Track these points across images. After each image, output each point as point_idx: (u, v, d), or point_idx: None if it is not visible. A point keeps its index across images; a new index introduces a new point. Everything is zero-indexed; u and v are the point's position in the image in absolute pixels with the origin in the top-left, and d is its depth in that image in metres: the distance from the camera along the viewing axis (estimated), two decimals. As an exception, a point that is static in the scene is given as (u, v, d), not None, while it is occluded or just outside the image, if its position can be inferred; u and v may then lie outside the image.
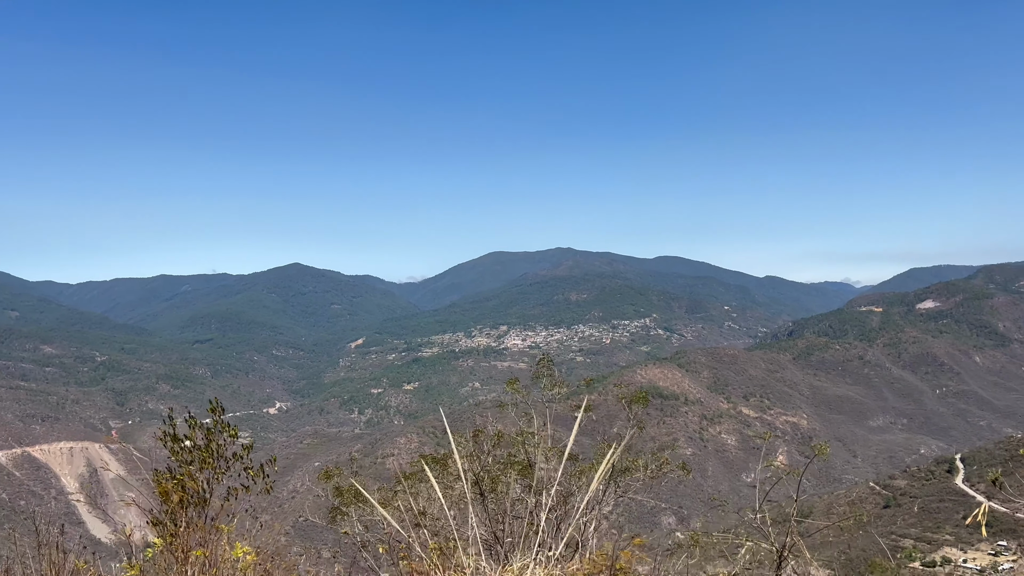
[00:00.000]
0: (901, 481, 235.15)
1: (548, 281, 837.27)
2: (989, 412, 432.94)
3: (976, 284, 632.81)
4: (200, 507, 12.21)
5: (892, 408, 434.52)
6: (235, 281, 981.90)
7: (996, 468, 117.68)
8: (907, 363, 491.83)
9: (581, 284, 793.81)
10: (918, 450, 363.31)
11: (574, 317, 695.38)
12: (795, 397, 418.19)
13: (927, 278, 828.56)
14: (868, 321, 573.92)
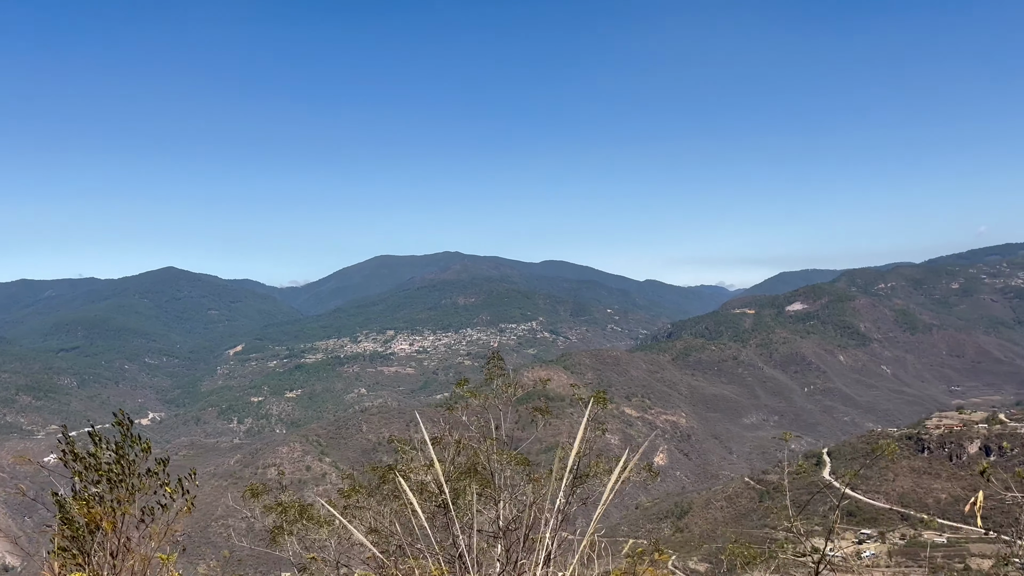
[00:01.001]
0: (773, 476, 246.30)
1: (436, 285, 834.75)
2: (852, 408, 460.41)
3: (840, 287, 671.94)
4: (112, 531, 11.14)
5: (764, 406, 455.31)
6: (104, 286, 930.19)
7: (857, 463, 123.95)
8: (778, 362, 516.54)
9: (469, 288, 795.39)
10: (789, 445, 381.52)
11: (462, 321, 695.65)
12: (674, 396, 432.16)
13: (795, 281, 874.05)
14: (742, 323, 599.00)
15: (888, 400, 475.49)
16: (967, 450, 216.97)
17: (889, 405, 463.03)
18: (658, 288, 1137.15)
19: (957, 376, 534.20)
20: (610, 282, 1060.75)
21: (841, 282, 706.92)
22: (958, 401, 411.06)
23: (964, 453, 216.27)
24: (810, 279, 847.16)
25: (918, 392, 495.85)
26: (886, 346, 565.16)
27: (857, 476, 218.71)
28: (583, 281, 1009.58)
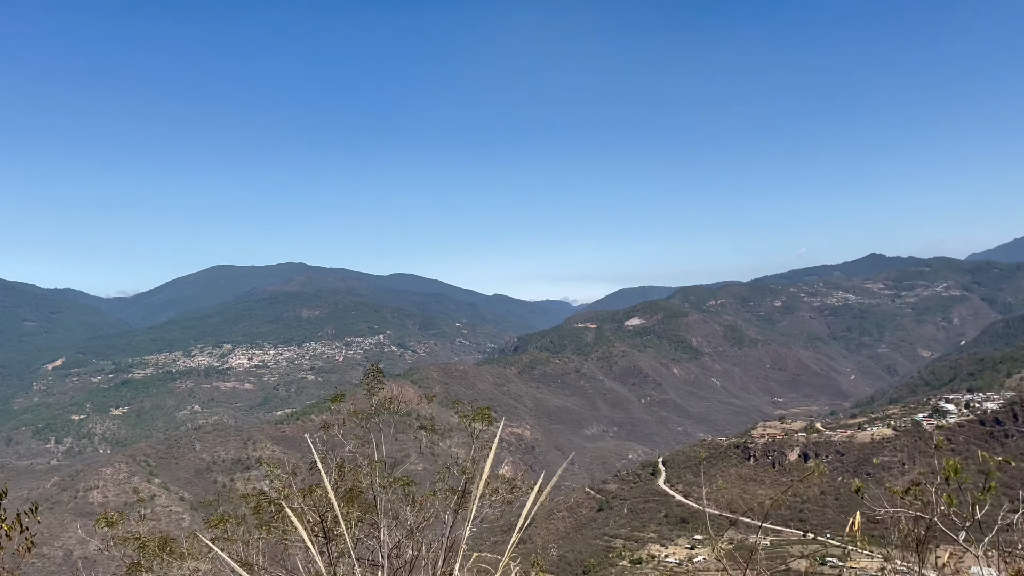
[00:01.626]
0: (613, 485, 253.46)
1: (278, 297, 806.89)
2: (685, 418, 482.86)
3: (675, 303, 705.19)
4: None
5: (605, 417, 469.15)
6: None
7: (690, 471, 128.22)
8: (617, 375, 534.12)
9: (314, 300, 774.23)
10: (627, 455, 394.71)
11: (306, 334, 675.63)
12: (520, 409, 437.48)
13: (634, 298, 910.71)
14: (584, 337, 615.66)
15: (718, 411, 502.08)
16: (788, 457, 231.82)
17: (719, 415, 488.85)
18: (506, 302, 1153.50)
19: (779, 388, 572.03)
20: (459, 296, 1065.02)
21: (676, 299, 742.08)
22: (780, 411, 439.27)
23: (785, 460, 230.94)
24: (648, 296, 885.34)
25: (744, 403, 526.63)
26: (716, 359, 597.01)
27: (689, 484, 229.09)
28: (432, 295, 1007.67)
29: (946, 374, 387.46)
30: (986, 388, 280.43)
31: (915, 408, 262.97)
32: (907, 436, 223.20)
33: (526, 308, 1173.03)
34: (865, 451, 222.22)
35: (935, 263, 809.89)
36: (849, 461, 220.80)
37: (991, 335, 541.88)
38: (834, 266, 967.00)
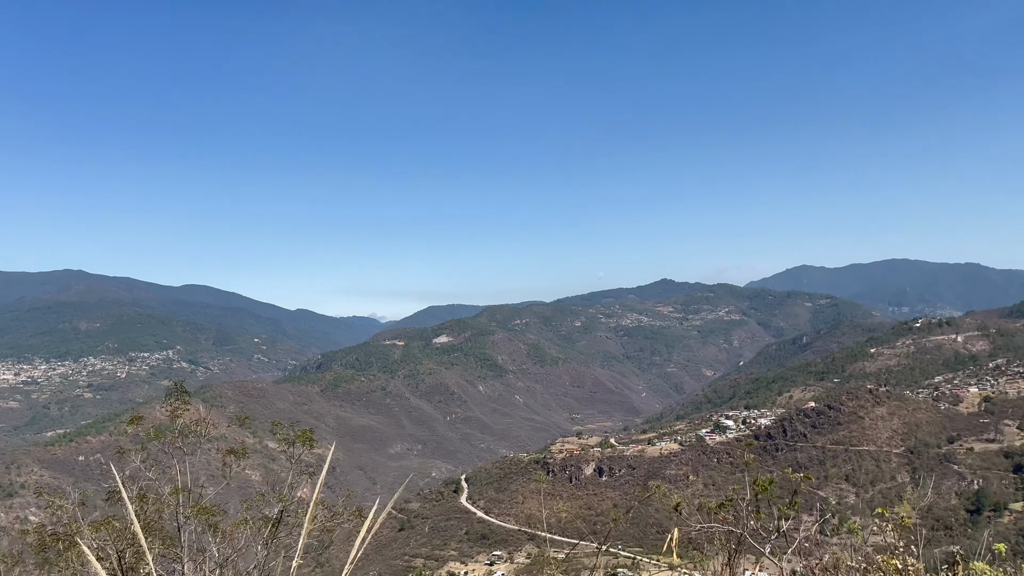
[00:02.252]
0: (415, 504, 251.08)
1: (52, 307, 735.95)
2: (489, 435, 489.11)
3: (482, 322, 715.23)
4: None
5: (409, 435, 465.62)
6: None
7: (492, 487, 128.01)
8: (424, 393, 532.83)
9: (94, 311, 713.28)
10: (431, 473, 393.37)
11: (83, 348, 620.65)
12: (322, 429, 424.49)
13: (443, 315, 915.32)
14: (391, 354, 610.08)
15: (520, 427, 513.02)
16: (584, 472, 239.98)
17: (521, 432, 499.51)
18: (310, 318, 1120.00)
19: (578, 404, 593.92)
20: (259, 310, 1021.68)
21: (483, 317, 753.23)
22: (578, 427, 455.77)
23: (582, 474, 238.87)
24: (456, 314, 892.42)
25: (545, 419, 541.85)
26: (520, 377, 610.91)
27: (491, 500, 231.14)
28: (229, 308, 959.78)
29: (726, 392, 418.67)
30: (760, 405, 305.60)
31: (699, 424, 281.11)
32: (691, 450, 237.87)
33: (331, 324, 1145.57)
34: (655, 464, 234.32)
35: (719, 289, 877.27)
36: (640, 474, 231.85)
37: (765, 356, 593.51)
38: (629, 289, 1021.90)
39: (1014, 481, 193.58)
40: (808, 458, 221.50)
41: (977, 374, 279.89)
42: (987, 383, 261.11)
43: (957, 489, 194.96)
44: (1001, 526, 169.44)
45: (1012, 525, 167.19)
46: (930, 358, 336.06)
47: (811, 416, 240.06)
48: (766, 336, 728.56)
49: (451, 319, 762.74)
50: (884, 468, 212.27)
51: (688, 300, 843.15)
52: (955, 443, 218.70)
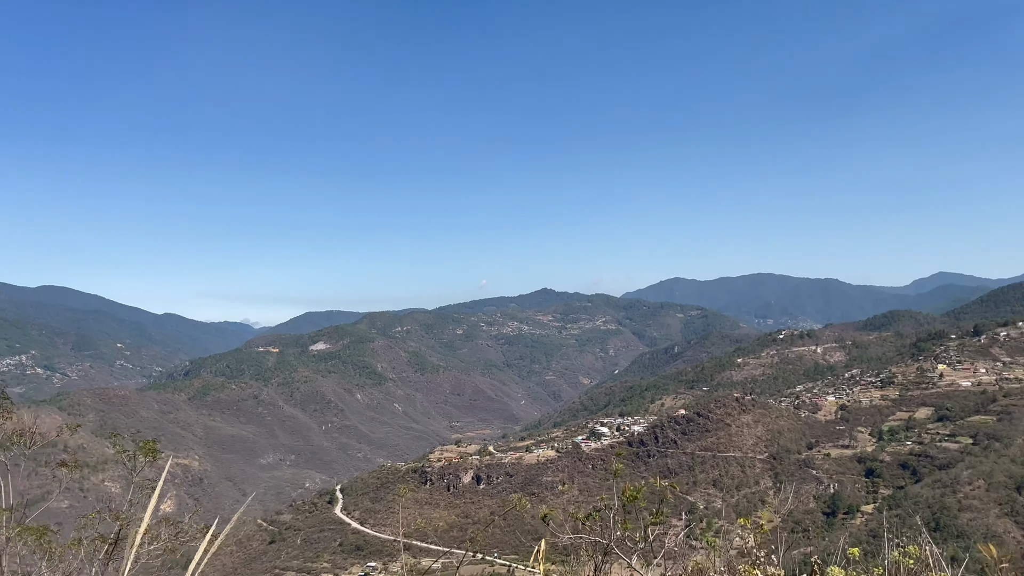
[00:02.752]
0: (287, 515, 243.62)
1: None
2: (366, 444, 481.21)
3: (361, 328, 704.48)
4: None
5: (283, 445, 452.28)
6: None
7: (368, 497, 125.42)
8: (298, 401, 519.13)
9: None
10: (304, 484, 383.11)
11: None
12: (188, 438, 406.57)
13: (321, 322, 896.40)
14: (265, 361, 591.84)
15: (399, 436, 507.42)
16: (462, 480, 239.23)
17: (399, 440, 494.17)
18: (178, 323, 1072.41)
19: (457, 412, 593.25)
20: (122, 314, 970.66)
21: (363, 324, 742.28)
22: (457, 435, 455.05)
23: (460, 483, 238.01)
24: (335, 320, 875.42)
25: (425, 427, 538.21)
26: (399, 385, 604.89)
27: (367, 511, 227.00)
28: (90, 311, 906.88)
29: (602, 399, 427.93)
30: (634, 412, 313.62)
31: (575, 431, 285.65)
32: (568, 457, 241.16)
33: (201, 329, 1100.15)
34: (532, 471, 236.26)
35: (596, 299, 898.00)
36: (517, 482, 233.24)
37: (639, 365, 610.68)
38: (511, 298, 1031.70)
39: (866, 485, 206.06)
40: (678, 464, 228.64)
41: (834, 383, 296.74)
42: (843, 392, 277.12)
43: (815, 493, 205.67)
44: (853, 527, 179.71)
45: (863, 526, 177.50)
46: (792, 368, 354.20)
47: (681, 423, 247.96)
48: (640, 345, 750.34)
49: (329, 325, 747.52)
50: (749, 473, 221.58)
51: (567, 309, 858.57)
52: (814, 449, 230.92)
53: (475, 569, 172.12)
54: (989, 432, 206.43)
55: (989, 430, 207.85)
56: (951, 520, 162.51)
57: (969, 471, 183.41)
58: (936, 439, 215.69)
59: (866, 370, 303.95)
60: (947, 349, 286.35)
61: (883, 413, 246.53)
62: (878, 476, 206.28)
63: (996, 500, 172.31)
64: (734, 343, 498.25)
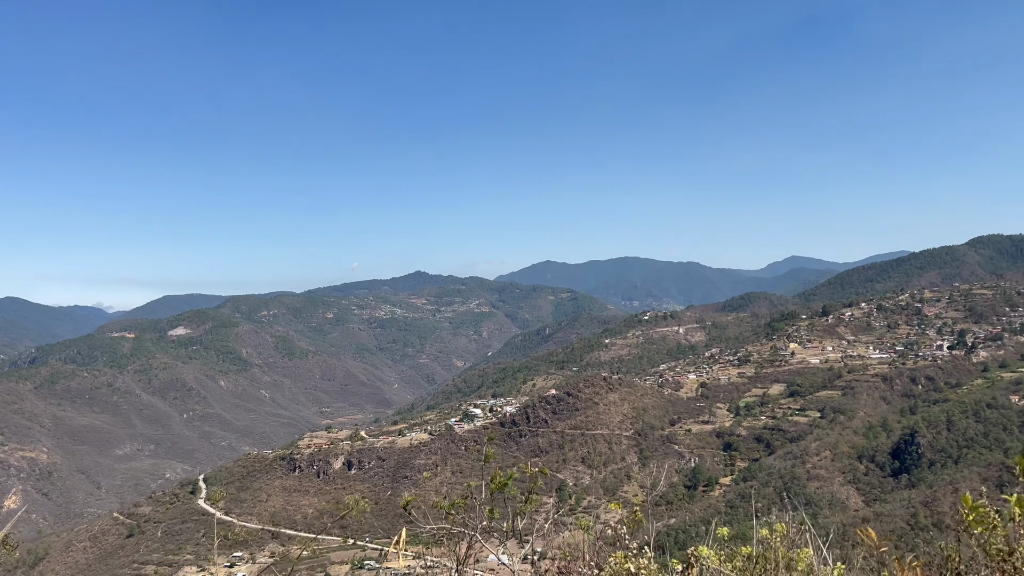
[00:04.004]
0: (146, 508, 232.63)
1: None
2: (231, 432, 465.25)
3: (224, 313, 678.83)
4: None
5: (140, 435, 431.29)
6: None
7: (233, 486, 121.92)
8: (157, 389, 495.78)
9: None
10: (164, 475, 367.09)
11: None
12: (35, 430, 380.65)
13: (180, 305, 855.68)
14: (120, 347, 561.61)
15: (266, 423, 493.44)
16: (333, 466, 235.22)
17: (266, 428, 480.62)
18: (21, 307, 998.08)
19: (328, 398, 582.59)
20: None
21: (226, 308, 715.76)
22: (327, 421, 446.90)
23: (330, 469, 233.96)
24: (196, 304, 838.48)
25: (293, 414, 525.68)
26: (266, 371, 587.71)
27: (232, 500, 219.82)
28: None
29: (476, 381, 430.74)
30: (507, 394, 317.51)
31: (449, 413, 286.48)
32: (441, 440, 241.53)
33: (48, 314, 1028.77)
34: (405, 455, 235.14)
35: (470, 282, 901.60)
36: (390, 466, 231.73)
37: (512, 347, 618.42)
38: (384, 281, 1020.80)
39: (724, 458, 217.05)
40: (549, 443, 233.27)
41: (695, 362, 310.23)
42: (704, 370, 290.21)
43: (677, 467, 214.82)
44: (713, 499, 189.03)
45: (721, 498, 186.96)
46: (656, 348, 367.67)
47: (552, 403, 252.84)
48: (513, 327, 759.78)
49: (190, 309, 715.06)
50: (616, 450, 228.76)
51: (441, 292, 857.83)
52: (676, 425, 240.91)
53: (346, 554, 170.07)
54: (835, 406, 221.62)
55: (835, 404, 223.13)
56: (800, 489, 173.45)
57: (817, 443, 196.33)
58: (788, 413, 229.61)
59: (725, 349, 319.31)
60: (798, 329, 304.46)
61: (740, 390, 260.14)
62: (735, 450, 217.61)
63: (840, 469, 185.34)
64: (602, 324, 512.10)
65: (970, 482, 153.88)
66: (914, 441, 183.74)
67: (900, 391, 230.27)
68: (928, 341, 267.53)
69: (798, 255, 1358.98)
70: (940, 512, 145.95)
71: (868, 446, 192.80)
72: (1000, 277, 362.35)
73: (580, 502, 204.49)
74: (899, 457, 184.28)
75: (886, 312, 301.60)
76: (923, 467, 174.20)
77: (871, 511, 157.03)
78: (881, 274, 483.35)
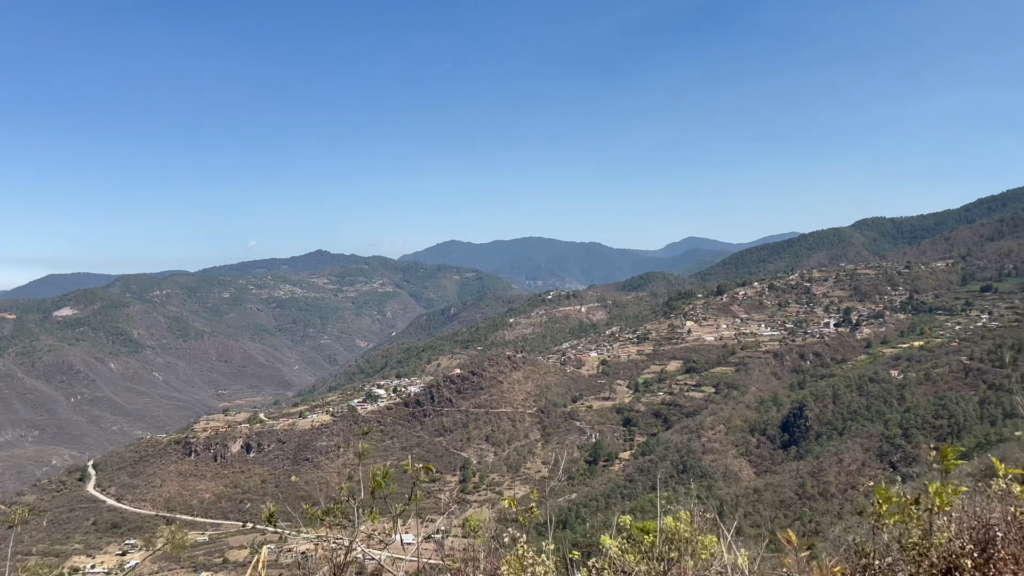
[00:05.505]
0: (31, 496, 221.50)
1: None
2: (122, 416, 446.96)
3: (114, 293, 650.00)
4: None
5: (23, 420, 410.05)
6: None
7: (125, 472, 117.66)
8: (42, 372, 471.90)
9: None
10: (50, 461, 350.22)
11: None
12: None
13: (66, 285, 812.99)
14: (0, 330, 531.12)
15: (159, 406, 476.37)
16: (231, 449, 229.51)
17: (160, 411, 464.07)
18: None
19: (225, 380, 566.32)
20: None
21: (116, 288, 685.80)
22: (225, 404, 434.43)
23: (228, 452, 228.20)
24: (83, 283, 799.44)
25: (188, 397, 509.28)
26: (159, 353, 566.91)
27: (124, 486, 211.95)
28: None
29: (379, 362, 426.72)
30: (411, 374, 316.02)
31: (351, 394, 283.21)
32: (343, 421, 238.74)
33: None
34: (306, 437, 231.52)
35: (373, 262, 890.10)
36: (290, 448, 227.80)
37: (416, 327, 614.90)
38: (283, 260, 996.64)
39: (624, 433, 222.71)
40: (453, 422, 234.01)
41: (597, 340, 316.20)
42: (604, 348, 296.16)
43: (579, 443, 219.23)
44: (613, 474, 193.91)
45: (621, 472, 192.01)
46: (559, 327, 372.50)
47: (456, 382, 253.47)
48: (417, 307, 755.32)
49: (76, 289, 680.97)
50: (519, 427, 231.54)
51: (343, 272, 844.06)
52: (578, 402, 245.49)
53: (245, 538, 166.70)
54: (729, 382, 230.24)
55: (729, 380, 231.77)
56: (696, 462, 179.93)
57: (711, 417, 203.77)
58: (684, 389, 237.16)
59: (625, 328, 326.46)
60: (694, 307, 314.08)
61: (639, 367, 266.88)
62: (634, 425, 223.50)
63: (733, 442, 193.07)
64: (507, 304, 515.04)
65: (853, 453, 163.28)
66: (802, 414, 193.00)
67: (790, 367, 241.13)
68: (816, 319, 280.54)
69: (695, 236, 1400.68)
70: (826, 482, 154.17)
71: (760, 420, 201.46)
72: (883, 258, 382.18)
73: (484, 479, 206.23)
74: (788, 430, 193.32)
75: (777, 291, 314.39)
76: (811, 439, 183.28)
77: (762, 482, 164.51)
78: (773, 255, 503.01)
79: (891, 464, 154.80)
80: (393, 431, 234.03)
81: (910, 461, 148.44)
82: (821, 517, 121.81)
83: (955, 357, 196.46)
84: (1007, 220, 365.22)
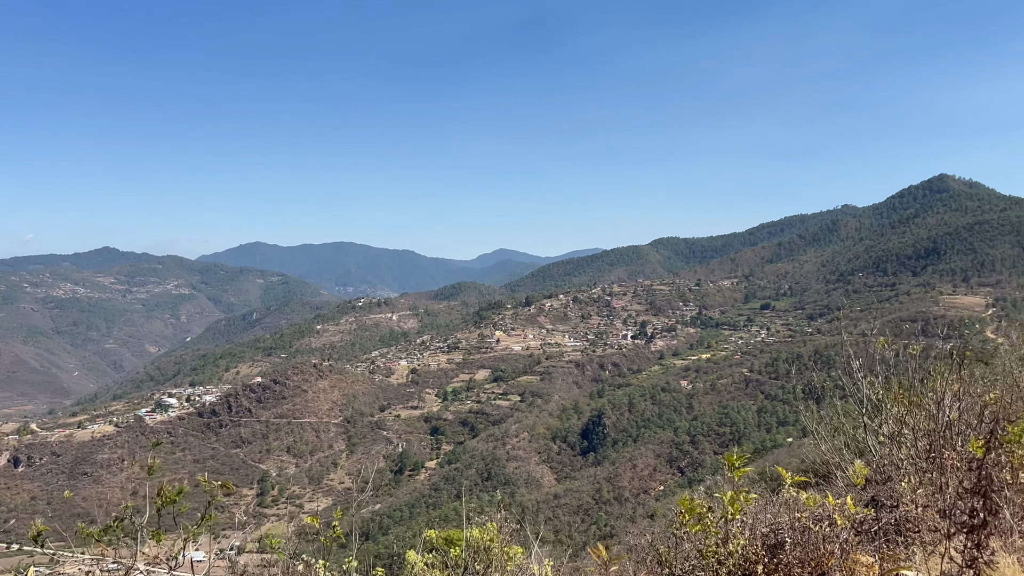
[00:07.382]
0: None
1: None
2: None
3: None
4: None
5: None
6: None
7: None
8: None
9: None
10: None
11: None
12: None
13: None
14: None
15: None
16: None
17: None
18: None
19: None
20: None
21: None
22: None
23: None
24: None
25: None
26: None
27: None
28: None
29: (171, 369, 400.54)
30: (207, 382, 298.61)
31: (139, 403, 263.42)
32: (129, 431, 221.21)
33: None
34: (85, 450, 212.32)
35: (168, 261, 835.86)
36: (67, 462, 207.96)
37: (215, 332, 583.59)
38: (64, 256, 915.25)
39: (431, 442, 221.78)
40: (252, 433, 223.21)
41: (407, 349, 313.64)
42: (415, 357, 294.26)
43: (385, 453, 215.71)
44: (419, 483, 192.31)
45: (427, 481, 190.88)
46: (369, 334, 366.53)
47: (257, 391, 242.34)
48: (217, 311, 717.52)
49: None
50: (323, 437, 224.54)
51: (133, 271, 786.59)
52: (386, 411, 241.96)
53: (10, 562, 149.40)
54: (534, 390, 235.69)
55: (534, 388, 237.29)
56: (500, 469, 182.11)
57: (516, 425, 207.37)
58: (492, 398, 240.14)
59: (436, 336, 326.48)
60: (504, 317, 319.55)
61: (449, 375, 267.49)
62: (442, 433, 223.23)
63: (536, 449, 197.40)
64: (315, 310, 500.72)
65: (646, 458, 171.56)
66: (601, 422, 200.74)
67: (591, 376, 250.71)
68: (615, 331, 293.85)
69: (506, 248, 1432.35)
70: (620, 486, 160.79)
71: (562, 427, 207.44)
72: (676, 275, 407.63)
73: (284, 492, 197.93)
74: (588, 437, 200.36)
75: (581, 304, 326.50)
76: (608, 446, 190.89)
77: (562, 488, 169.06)
78: (578, 269, 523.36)
79: (680, 469, 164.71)
80: (185, 443, 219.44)
81: (696, 466, 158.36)
82: (615, 521, 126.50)
83: (737, 369, 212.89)
84: (784, 244, 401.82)
